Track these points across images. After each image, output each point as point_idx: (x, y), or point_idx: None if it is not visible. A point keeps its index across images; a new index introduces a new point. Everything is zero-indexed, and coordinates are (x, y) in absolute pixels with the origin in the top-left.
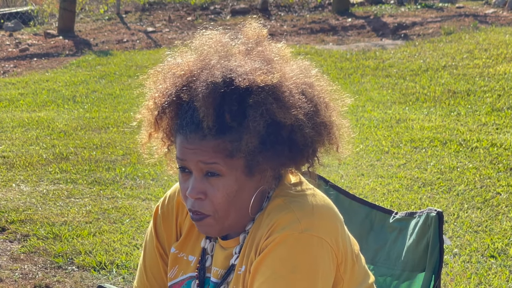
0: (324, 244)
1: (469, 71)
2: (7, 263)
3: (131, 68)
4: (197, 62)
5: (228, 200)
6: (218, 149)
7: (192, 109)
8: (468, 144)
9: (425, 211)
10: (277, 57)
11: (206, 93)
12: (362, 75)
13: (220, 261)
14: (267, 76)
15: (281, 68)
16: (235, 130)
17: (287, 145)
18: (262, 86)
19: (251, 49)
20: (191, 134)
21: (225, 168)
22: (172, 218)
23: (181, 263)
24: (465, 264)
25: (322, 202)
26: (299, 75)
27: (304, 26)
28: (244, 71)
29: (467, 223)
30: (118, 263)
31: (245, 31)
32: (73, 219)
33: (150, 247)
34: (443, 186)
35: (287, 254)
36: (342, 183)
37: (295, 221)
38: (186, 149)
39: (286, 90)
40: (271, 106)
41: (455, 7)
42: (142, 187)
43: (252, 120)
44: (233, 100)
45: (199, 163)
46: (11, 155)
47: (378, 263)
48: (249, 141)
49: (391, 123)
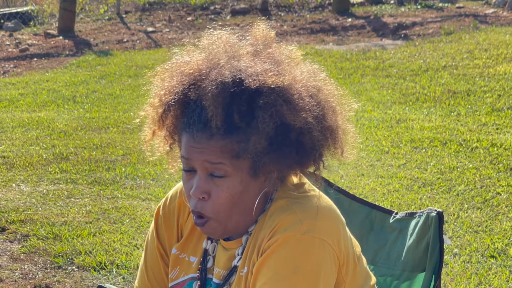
0: (326, 246)
1: (469, 71)
2: (7, 263)
3: (131, 68)
4: (206, 61)
5: (232, 201)
6: (225, 149)
7: (200, 108)
8: (468, 144)
9: (425, 211)
10: (287, 59)
11: (216, 92)
12: (362, 75)
13: (223, 262)
14: (277, 77)
15: (291, 70)
16: (243, 131)
17: (295, 148)
18: (273, 87)
19: (260, 50)
20: (198, 133)
21: (230, 169)
22: (174, 219)
23: (183, 264)
24: (465, 264)
25: (325, 204)
26: (309, 78)
27: (304, 26)
28: (255, 72)
29: (467, 223)
30: (118, 263)
31: (253, 33)
32: (73, 219)
33: (151, 247)
34: (443, 186)
35: (289, 255)
36: (342, 183)
37: (297, 223)
38: (192, 148)
39: (296, 92)
40: (281, 108)
41: (455, 7)
42: (142, 187)
43: (261, 121)
44: (243, 100)
45: (205, 162)
46: (11, 155)
47: (378, 263)
48: (257, 142)
49: (391, 123)
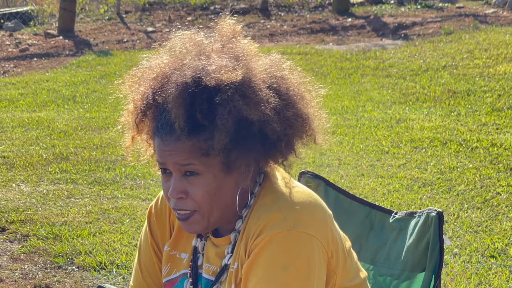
0: (313, 240)
1: (469, 71)
2: (7, 263)
3: (131, 68)
4: (171, 63)
5: (209, 197)
6: (193, 149)
7: (166, 111)
8: (468, 144)
9: (425, 211)
10: (244, 53)
11: (176, 94)
12: (362, 75)
13: (212, 258)
14: (232, 73)
15: (248, 64)
16: (207, 129)
17: (259, 140)
18: (229, 83)
19: (223, 46)
20: (166, 136)
21: (202, 167)
22: (166, 216)
23: (174, 261)
24: (465, 264)
25: (309, 198)
26: (269, 70)
27: (304, 26)
28: (212, 69)
29: (467, 223)
30: (118, 263)
31: (220, 29)
32: (73, 219)
33: (145, 246)
34: (443, 186)
35: (278, 252)
36: (342, 183)
37: (282, 219)
38: (163, 151)
39: (253, 85)
40: (237, 103)
41: (455, 7)
42: (142, 187)
43: (220, 118)
44: (203, 99)
45: (176, 164)
46: (11, 155)
47: (378, 263)
48: (220, 139)
49: (391, 123)
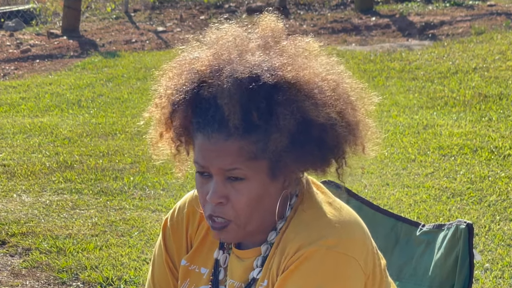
0: (352, 262)
1: (501, 74)
2: (7, 278)
3: (140, 71)
4: (216, 57)
5: (252, 205)
6: (241, 151)
7: (214, 107)
8: (500, 151)
9: (454, 223)
10: (305, 52)
11: (232, 90)
12: (387, 78)
13: (238, 274)
14: (297, 71)
15: (310, 63)
16: (262, 130)
17: (317, 145)
18: (292, 82)
19: (270, 43)
20: (213, 134)
21: (248, 172)
22: (182, 230)
23: (193, 276)
24: (497, 280)
25: (349, 217)
26: (328, 71)
27: (325, 26)
28: (272, 66)
29: (499, 236)
30: (126, 279)
31: (261, 25)
32: (78, 231)
33: (159, 261)
34: (473, 196)
35: (314, 270)
36: (365, 193)
37: (322, 237)
38: (207, 151)
39: (317, 86)
40: (302, 104)
41: (486, 5)
42: (152, 197)
43: (282, 118)
44: (261, 97)
45: (221, 169)
46: (12, 163)
47: (404, 278)
48: (278, 141)
49: (418, 129)
